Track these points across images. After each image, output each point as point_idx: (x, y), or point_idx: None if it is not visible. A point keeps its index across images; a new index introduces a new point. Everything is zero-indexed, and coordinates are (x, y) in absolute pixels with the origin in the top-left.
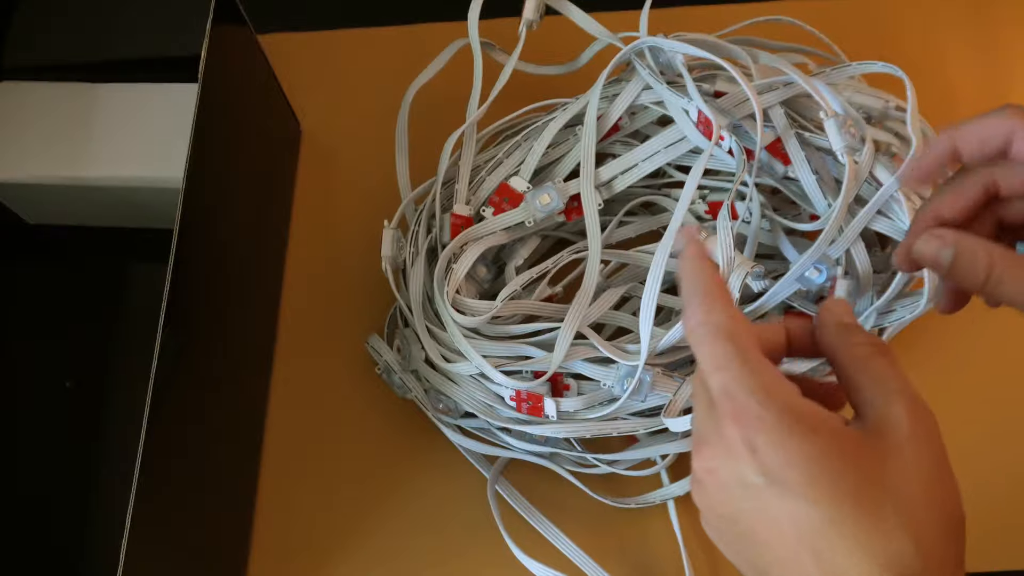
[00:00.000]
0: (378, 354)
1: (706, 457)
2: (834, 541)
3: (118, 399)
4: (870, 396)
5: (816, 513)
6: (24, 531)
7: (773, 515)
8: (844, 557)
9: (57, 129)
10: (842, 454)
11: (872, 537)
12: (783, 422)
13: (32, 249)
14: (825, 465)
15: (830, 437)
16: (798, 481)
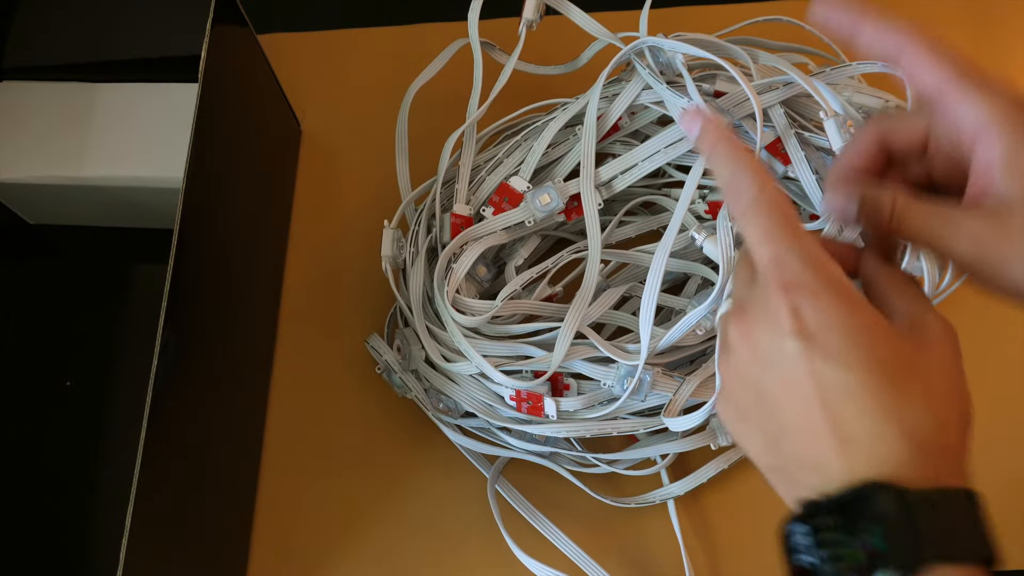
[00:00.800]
0: (378, 354)
1: (745, 322)
2: (858, 405)
3: (118, 399)
4: (905, 307)
5: (849, 378)
6: (24, 531)
7: (802, 379)
8: (864, 420)
9: (57, 129)
10: (882, 332)
11: (899, 405)
12: (830, 291)
13: (32, 249)
14: (865, 337)
15: (872, 315)
16: (837, 347)
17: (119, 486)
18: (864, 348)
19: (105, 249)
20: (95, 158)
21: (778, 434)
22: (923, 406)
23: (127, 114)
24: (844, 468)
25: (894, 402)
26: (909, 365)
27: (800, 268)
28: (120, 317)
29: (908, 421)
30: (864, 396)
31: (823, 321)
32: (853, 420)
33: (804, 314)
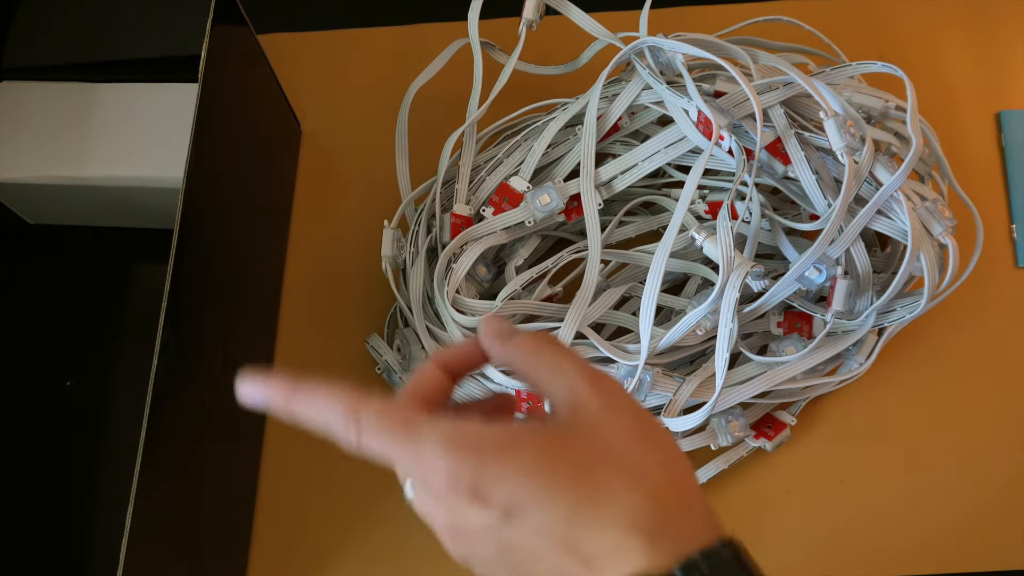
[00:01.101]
0: (378, 354)
1: (441, 522)
2: (578, 530)
3: (118, 399)
4: (554, 387)
5: (551, 516)
6: (24, 531)
7: (521, 539)
8: (594, 538)
9: (57, 129)
10: (551, 454)
11: (606, 507)
12: (484, 459)
13: (32, 249)
14: (540, 472)
15: (531, 446)
16: (526, 500)
17: (119, 486)
18: (546, 481)
19: (105, 249)
20: (95, 158)
21: None
22: (627, 491)
23: (127, 114)
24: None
25: (600, 509)
26: (590, 460)
27: (446, 462)
28: (120, 317)
29: (623, 514)
30: (575, 524)
31: (503, 489)
32: (584, 542)
33: (484, 493)
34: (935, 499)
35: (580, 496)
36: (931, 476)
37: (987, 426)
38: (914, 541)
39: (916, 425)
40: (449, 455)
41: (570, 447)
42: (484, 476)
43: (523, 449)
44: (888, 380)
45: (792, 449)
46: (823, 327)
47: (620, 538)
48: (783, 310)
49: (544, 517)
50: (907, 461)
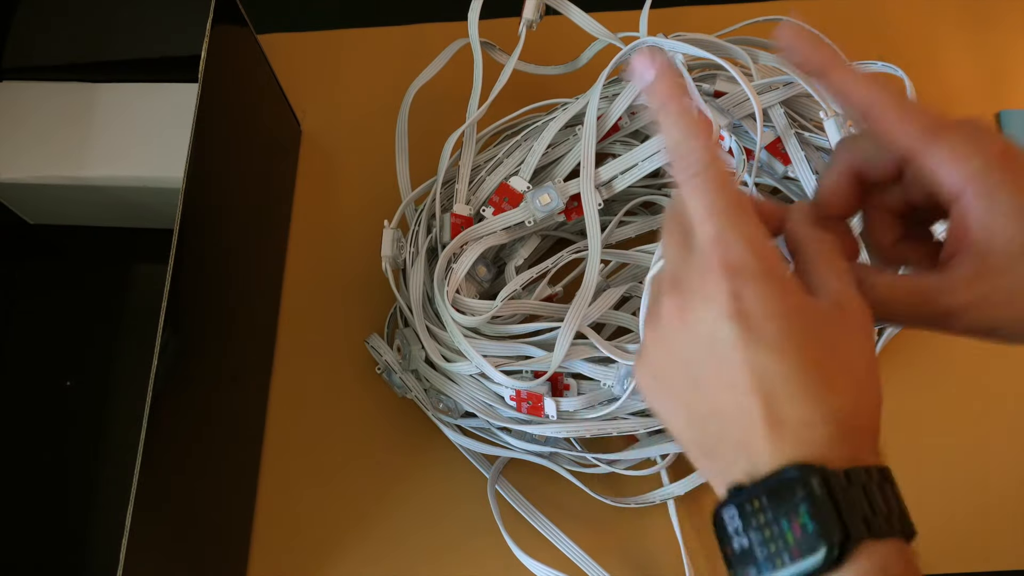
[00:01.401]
0: (378, 354)
1: (680, 297)
2: (791, 391)
3: (118, 399)
4: (831, 282)
5: (782, 366)
6: (24, 531)
7: (736, 363)
8: (795, 406)
9: (57, 129)
10: (813, 319)
11: (824, 392)
12: (769, 278)
13: (32, 249)
14: (797, 325)
15: (804, 301)
16: (773, 335)
17: (119, 486)
18: (797, 336)
19: (105, 249)
20: (95, 158)
21: (706, 414)
22: (845, 392)
23: (127, 114)
24: (772, 451)
25: (821, 389)
26: (834, 349)
27: (742, 252)
28: (120, 317)
29: (833, 406)
30: (795, 383)
31: (761, 309)
32: (783, 405)
33: (744, 299)
34: (935, 499)
35: (812, 367)
36: (931, 476)
37: (987, 426)
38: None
39: (916, 425)
40: (749, 249)
41: (827, 325)
42: (757, 289)
43: (798, 295)
44: (887, 380)
45: None
46: None
47: (818, 417)
48: None
49: (773, 357)
50: (906, 461)
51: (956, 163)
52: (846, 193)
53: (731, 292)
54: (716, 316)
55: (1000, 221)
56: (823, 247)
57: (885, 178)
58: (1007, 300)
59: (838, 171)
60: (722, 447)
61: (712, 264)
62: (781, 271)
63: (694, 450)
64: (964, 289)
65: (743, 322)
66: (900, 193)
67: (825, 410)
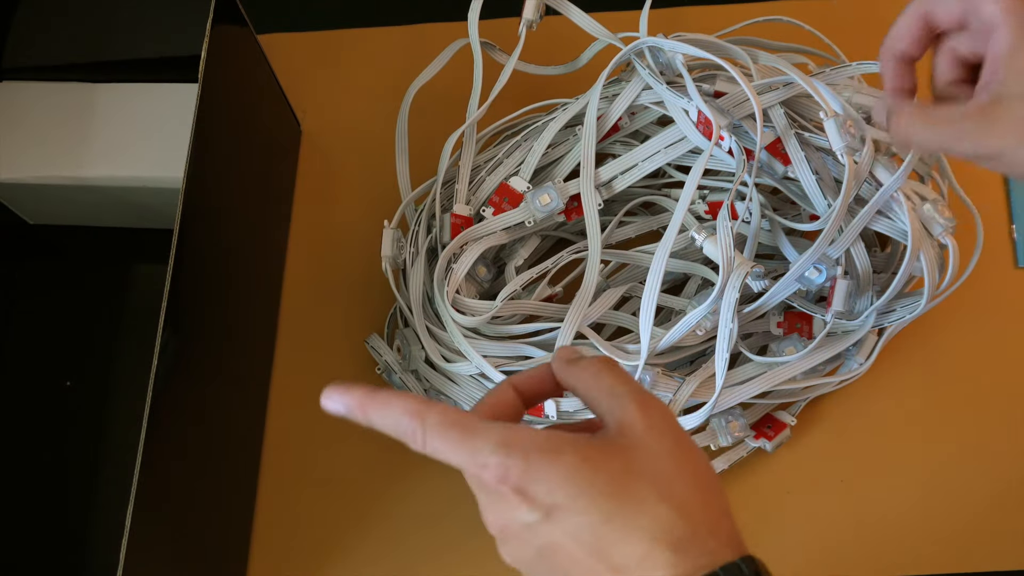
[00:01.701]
0: (378, 354)
1: (493, 520)
2: (610, 538)
3: (118, 399)
4: (607, 406)
5: (587, 520)
6: (24, 531)
7: (559, 541)
8: (623, 547)
9: (57, 129)
10: (591, 462)
11: (637, 518)
12: (530, 459)
13: (32, 249)
14: (579, 476)
15: (575, 453)
16: (564, 501)
17: (119, 486)
18: (585, 487)
19: (105, 249)
20: (95, 158)
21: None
22: (660, 506)
23: (127, 114)
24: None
25: (632, 519)
26: (629, 474)
27: (499, 459)
28: (120, 317)
29: (653, 526)
30: (607, 531)
31: (542, 488)
32: (614, 550)
33: (525, 491)
34: (935, 499)
35: (614, 504)
36: (931, 476)
37: (987, 426)
38: (914, 541)
39: (916, 425)
40: (500, 453)
41: (612, 459)
42: (530, 475)
43: (567, 453)
44: (888, 380)
45: (792, 449)
46: (823, 327)
47: (648, 548)
48: (783, 310)
49: (580, 521)
50: (907, 461)
51: None
52: (914, 35)
53: (516, 493)
54: (521, 516)
55: None
56: (588, 375)
57: (951, 25)
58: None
59: (910, 14)
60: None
61: (492, 487)
62: (539, 445)
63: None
64: (978, 112)
65: (539, 507)
66: (967, 41)
67: (647, 536)
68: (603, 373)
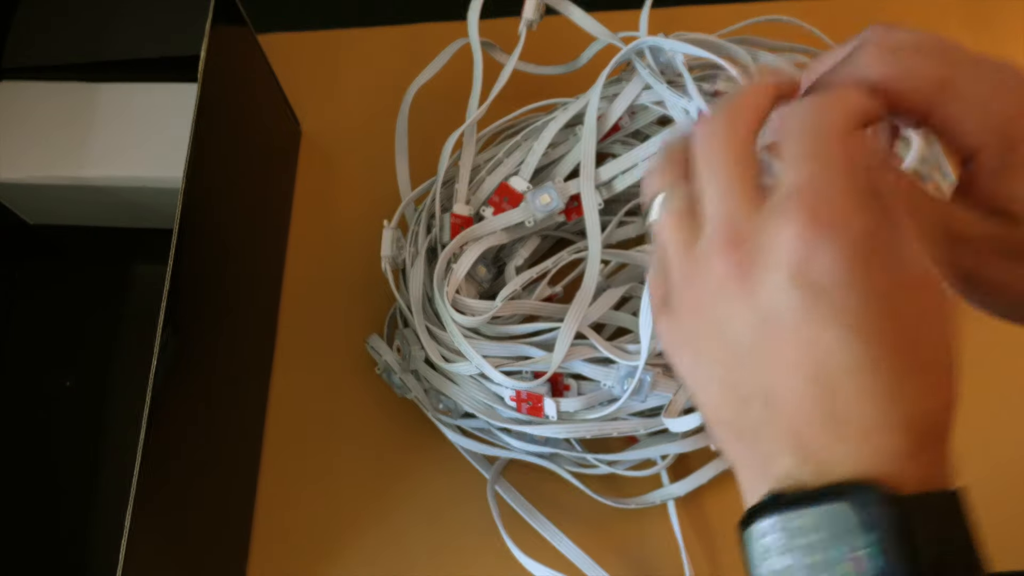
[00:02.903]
0: (378, 354)
1: (742, 255)
2: (862, 385)
3: (118, 399)
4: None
5: (852, 350)
6: (24, 531)
7: (797, 340)
8: (863, 403)
9: (57, 129)
10: (900, 291)
11: (901, 391)
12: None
13: (32, 249)
14: (882, 300)
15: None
16: (847, 306)
17: (119, 486)
18: (877, 315)
19: (105, 249)
20: (95, 158)
21: (748, 395)
22: (925, 394)
23: (127, 114)
24: (830, 456)
25: (898, 387)
26: (918, 336)
27: (836, 197)
28: (120, 317)
29: (909, 410)
30: (867, 376)
31: (844, 277)
32: (851, 399)
33: (820, 257)
34: None
35: (886, 356)
36: None
37: (987, 426)
38: None
39: None
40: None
41: (913, 307)
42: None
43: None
44: None
45: None
46: None
47: (889, 425)
48: None
49: (838, 337)
50: None
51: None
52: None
53: (807, 246)
54: (786, 275)
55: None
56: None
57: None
58: None
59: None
60: (764, 436)
61: (794, 212)
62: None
63: (725, 432)
64: None
65: (812, 286)
66: None
67: (899, 414)
68: None
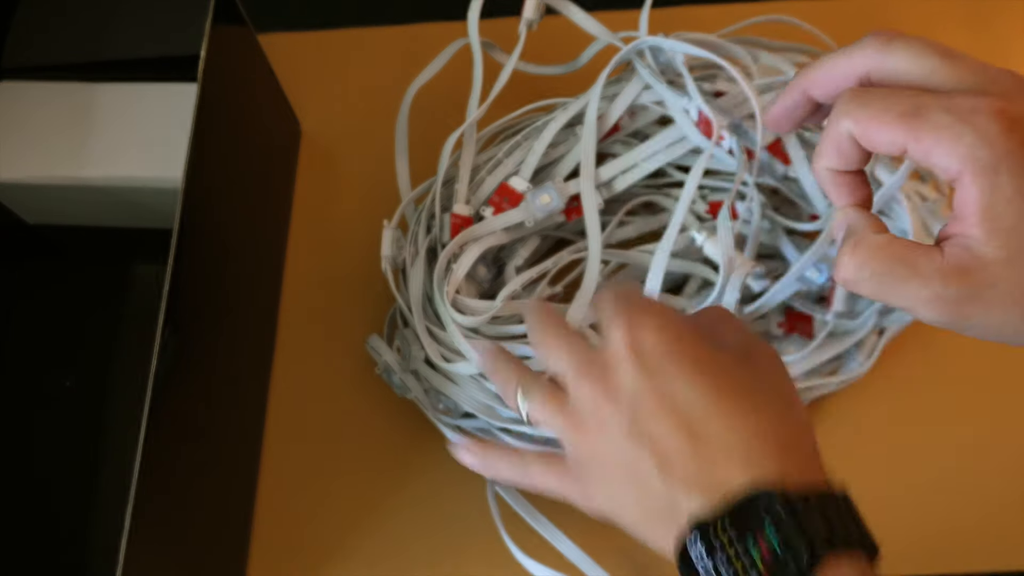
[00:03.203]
0: (378, 354)
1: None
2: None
3: (118, 399)
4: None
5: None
6: (23, 531)
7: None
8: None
9: (57, 129)
10: (722, 360)
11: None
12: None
13: (32, 249)
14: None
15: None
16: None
17: (119, 486)
18: (708, 376)
19: (105, 249)
20: (95, 158)
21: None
22: (775, 416)
23: (127, 114)
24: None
25: (750, 415)
26: (750, 384)
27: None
28: (120, 317)
29: (768, 430)
30: (722, 415)
31: (665, 357)
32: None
33: (645, 353)
34: (936, 499)
35: (734, 397)
36: (932, 476)
37: (988, 426)
38: (914, 541)
39: (917, 425)
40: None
41: (738, 368)
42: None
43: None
44: (889, 380)
45: None
46: (824, 327)
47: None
48: (784, 310)
49: (689, 398)
50: (907, 461)
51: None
52: (846, 155)
53: (632, 351)
54: (631, 372)
55: (1002, 206)
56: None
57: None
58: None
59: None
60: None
61: (618, 339)
62: (681, 323)
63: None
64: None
65: (648, 372)
66: None
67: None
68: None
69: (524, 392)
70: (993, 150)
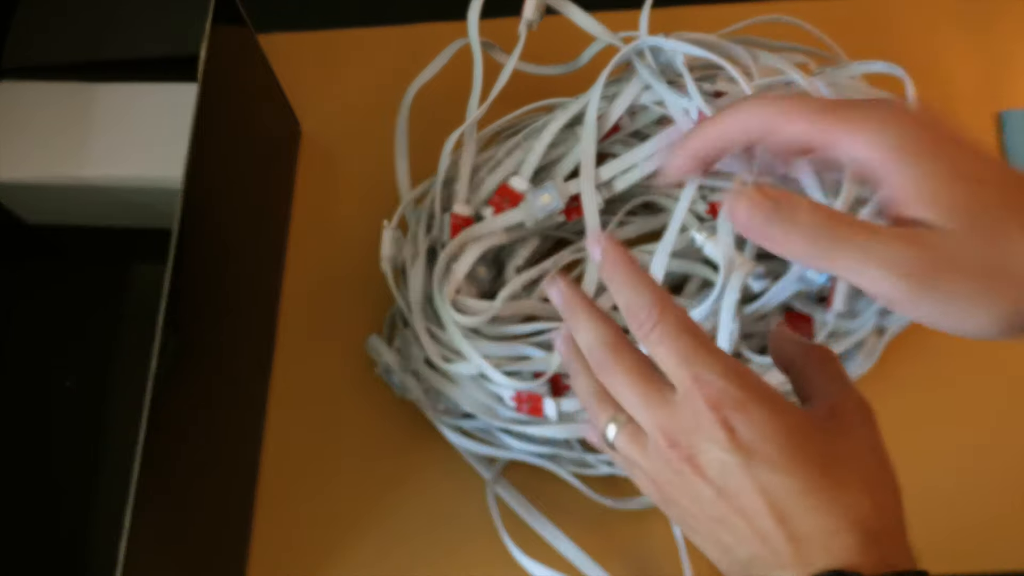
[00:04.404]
0: (378, 354)
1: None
2: (803, 505)
3: (118, 399)
4: (825, 389)
5: (786, 481)
6: (23, 531)
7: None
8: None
9: (56, 129)
10: (808, 429)
11: (839, 497)
12: (754, 401)
13: (32, 249)
14: (795, 439)
15: (795, 414)
16: (773, 454)
17: (119, 486)
18: (797, 450)
19: (105, 249)
20: (95, 158)
21: (734, 544)
22: (860, 493)
23: (127, 114)
24: (804, 565)
25: (834, 495)
26: (840, 455)
27: (722, 384)
28: (120, 317)
29: (852, 510)
30: (807, 495)
31: (755, 432)
32: (802, 519)
33: (736, 428)
34: (936, 500)
35: (818, 477)
36: (932, 476)
37: (989, 426)
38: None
39: (917, 425)
40: (725, 378)
41: (825, 432)
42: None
43: (788, 411)
44: (889, 381)
45: None
46: (824, 328)
47: (839, 525)
48: (784, 311)
49: (778, 479)
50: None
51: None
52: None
53: (723, 425)
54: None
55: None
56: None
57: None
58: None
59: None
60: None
61: (700, 405)
62: (764, 391)
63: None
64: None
65: (744, 450)
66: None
67: (844, 517)
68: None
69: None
70: (918, 141)
